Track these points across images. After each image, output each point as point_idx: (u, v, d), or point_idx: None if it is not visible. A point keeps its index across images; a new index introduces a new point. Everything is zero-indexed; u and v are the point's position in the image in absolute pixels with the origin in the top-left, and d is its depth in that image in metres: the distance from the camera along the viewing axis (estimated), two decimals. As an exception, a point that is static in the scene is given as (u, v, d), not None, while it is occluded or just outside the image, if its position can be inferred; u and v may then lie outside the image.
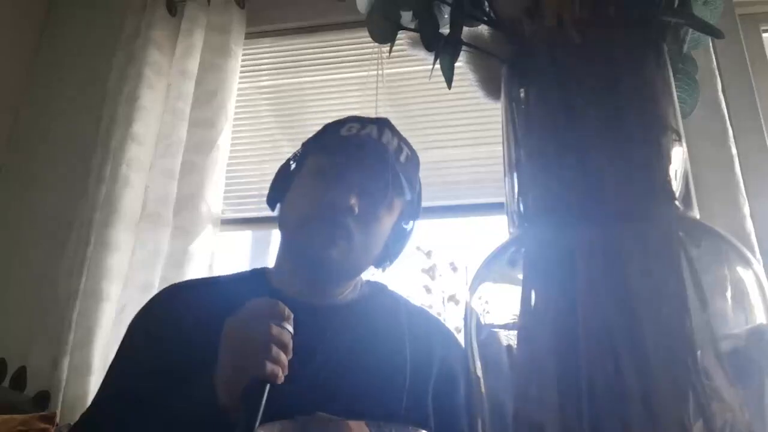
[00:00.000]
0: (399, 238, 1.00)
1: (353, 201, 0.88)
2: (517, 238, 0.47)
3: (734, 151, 1.61)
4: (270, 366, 0.71)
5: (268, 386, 0.70)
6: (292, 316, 0.75)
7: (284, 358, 0.73)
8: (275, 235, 2.03)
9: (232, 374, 0.73)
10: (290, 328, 0.75)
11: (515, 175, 0.48)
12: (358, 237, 0.89)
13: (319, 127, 1.03)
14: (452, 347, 0.95)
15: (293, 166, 0.99)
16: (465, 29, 0.53)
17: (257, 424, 0.67)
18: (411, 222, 1.02)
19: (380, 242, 0.95)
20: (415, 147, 1.05)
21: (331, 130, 0.99)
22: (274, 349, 0.72)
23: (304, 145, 1.02)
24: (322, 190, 0.91)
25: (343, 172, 0.92)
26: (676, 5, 0.47)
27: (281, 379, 0.72)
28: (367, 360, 0.87)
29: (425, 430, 0.62)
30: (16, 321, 1.82)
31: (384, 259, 0.99)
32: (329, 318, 0.91)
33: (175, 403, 0.76)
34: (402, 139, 1.00)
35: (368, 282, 1.03)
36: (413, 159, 1.01)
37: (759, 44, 1.89)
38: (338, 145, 0.94)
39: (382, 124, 0.98)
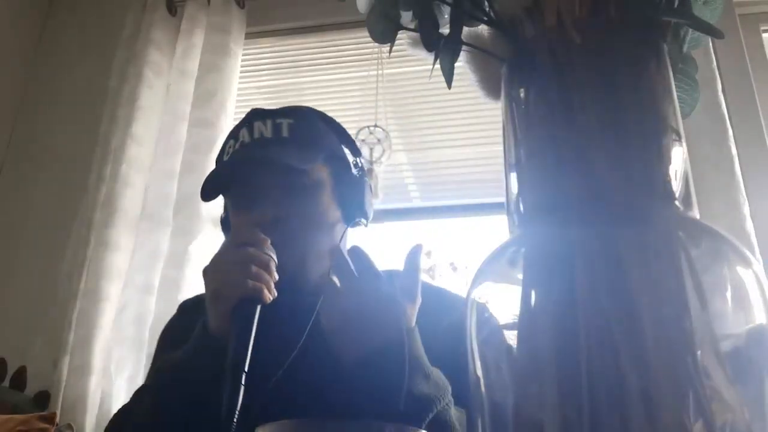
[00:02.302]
0: (350, 189, 0.93)
1: (260, 238, 0.80)
2: (517, 238, 0.47)
3: (734, 151, 1.61)
4: (251, 283, 0.72)
5: (258, 307, 0.71)
6: (268, 240, 0.76)
7: (267, 277, 0.74)
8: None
9: (215, 300, 0.75)
10: (271, 253, 0.76)
11: (515, 175, 0.48)
12: (294, 243, 0.84)
13: None
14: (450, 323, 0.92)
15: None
16: (465, 29, 0.53)
17: (251, 343, 0.68)
18: (352, 164, 0.94)
19: (323, 221, 0.89)
20: (415, 147, 1.04)
21: (217, 161, 0.97)
22: (254, 268, 0.73)
23: None
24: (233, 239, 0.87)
25: (241, 208, 0.90)
26: (676, 5, 0.47)
27: (268, 297, 0.73)
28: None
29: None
30: (16, 321, 1.82)
31: (351, 218, 0.93)
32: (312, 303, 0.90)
33: (177, 355, 0.78)
34: (277, 114, 0.93)
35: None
36: (300, 119, 0.93)
37: (759, 44, 1.89)
38: (223, 180, 0.92)
39: (249, 118, 0.93)
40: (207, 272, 0.79)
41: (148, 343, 1.64)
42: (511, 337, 0.43)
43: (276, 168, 0.87)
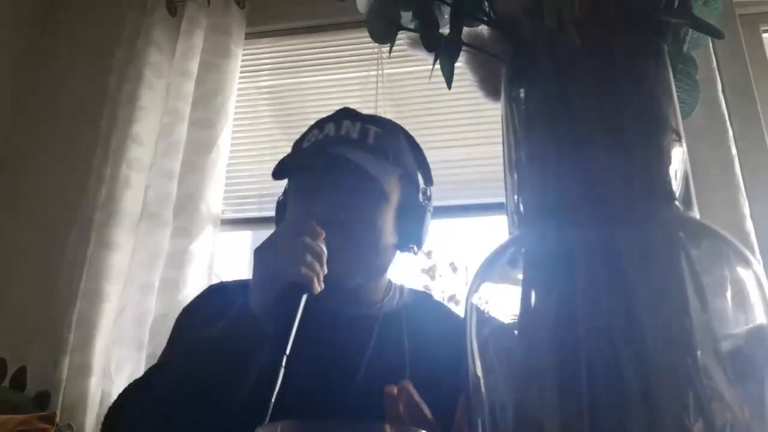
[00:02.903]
0: (413, 214, 0.93)
1: (317, 230, 0.80)
2: (517, 238, 0.47)
3: (734, 151, 1.61)
4: (305, 270, 0.73)
5: (305, 295, 0.72)
6: (323, 234, 0.77)
7: (318, 268, 0.75)
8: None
9: (265, 281, 0.75)
10: (323, 246, 0.77)
11: (515, 175, 0.48)
12: (344, 245, 0.84)
13: None
14: None
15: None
16: (465, 29, 0.53)
17: (294, 329, 0.69)
18: (421, 191, 0.95)
19: (379, 234, 0.90)
20: (415, 147, 1.03)
21: (296, 146, 0.98)
22: (308, 257, 0.74)
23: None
24: (289, 224, 0.89)
25: (304, 197, 0.90)
26: (676, 5, 0.47)
27: (317, 288, 0.74)
28: (411, 372, 0.84)
29: None
30: (16, 321, 1.82)
31: (405, 242, 0.93)
32: (366, 328, 0.89)
33: (212, 331, 0.78)
34: (367, 120, 0.94)
35: (411, 290, 1.01)
36: (388, 132, 0.94)
37: (759, 44, 1.89)
38: (298, 164, 0.93)
39: (340, 116, 0.94)
40: (260, 253, 0.79)
41: (148, 343, 1.64)
42: (511, 337, 0.43)
43: (352, 168, 0.86)
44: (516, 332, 0.42)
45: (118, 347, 1.67)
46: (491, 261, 0.46)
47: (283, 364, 0.67)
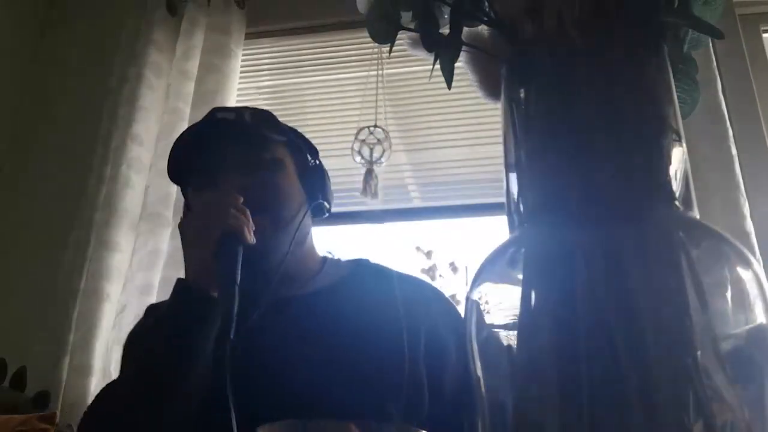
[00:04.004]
0: (311, 174, 0.97)
1: (234, 195, 0.82)
2: (517, 238, 0.47)
3: (734, 151, 1.61)
4: (233, 219, 0.75)
5: (241, 247, 0.73)
6: (240, 198, 0.79)
7: (245, 219, 0.76)
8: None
9: (196, 243, 0.76)
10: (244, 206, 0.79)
11: (515, 175, 0.48)
12: (257, 222, 0.83)
13: (319, 127, 1.04)
14: (440, 315, 0.92)
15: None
16: (465, 29, 0.53)
17: (238, 277, 0.70)
18: (310, 156, 0.99)
19: (285, 200, 0.91)
20: (415, 147, 1.04)
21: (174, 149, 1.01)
22: (233, 211, 0.76)
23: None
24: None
25: (201, 188, 0.92)
26: (676, 5, 0.47)
27: (249, 237, 0.76)
28: (354, 350, 0.83)
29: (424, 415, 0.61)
30: (16, 321, 1.82)
31: (312, 197, 0.95)
32: (305, 308, 0.89)
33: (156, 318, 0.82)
34: (239, 108, 1.00)
35: (351, 261, 1.01)
36: (263, 112, 0.98)
37: (759, 44, 1.89)
38: (191, 166, 0.96)
39: (212, 113, 0.99)
40: (183, 223, 0.81)
41: (148, 343, 1.64)
42: (511, 337, 0.43)
43: (241, 146, 0.90)
44: (516, 332, 0.42)
45: (118, 347, 1.66)
46: (491, 261, 0.46)
47: (234, 311, 0.68)
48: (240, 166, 0.89)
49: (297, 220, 0.90)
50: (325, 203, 0.96)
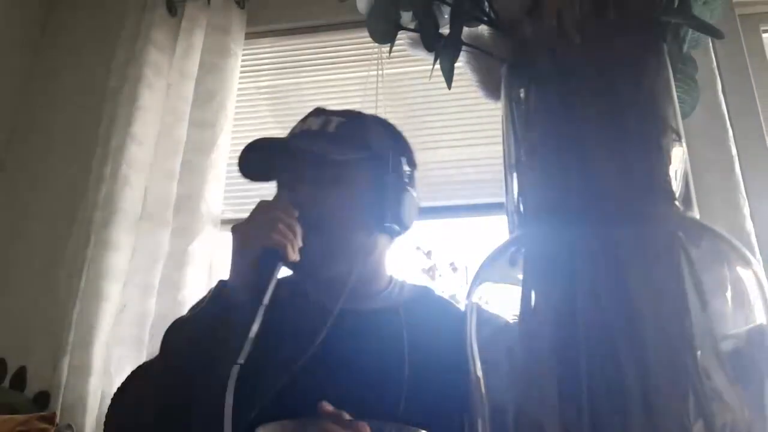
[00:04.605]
0: (388, 193, 0.91)
1: (289, 207, 0.82)
2: (517, 238, 0.47)
3: (734, 151, 1.61)
4: (276, 236, 0.75)
5: (280, 263, 0.75)
6: (296, 212, 0.79)
7: (291, 237, 0.77)
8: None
9: (240, 252, 0.77)
10: (294, 221, 0.79)
11: (515, 175, 0.48)
12: (312, 234, 0.83)
13: None
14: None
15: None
16: (465, 29, 0.53)
17: (270, 289, 0.72)
18: (396, 171, 0.94)
19: (348, 218, 0.89)
20: (415, 147, 1.03)
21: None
22: (281, 226, 0.76)
23: None
24: None
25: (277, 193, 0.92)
26: (676, 5, 0.47)
27: (292, 254, 0.76)
28: (403, 377, 0.82)
29: None
30: (16, 321, 1.82)
31: (385, 222, 0.91)
32: (364, 323, 0.88)
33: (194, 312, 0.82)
34: (333, 113, 0.94)
35: (413, 286, 1.00)
36: (353, 120, 0.94)
37: (759, 44, 1.88)
38: (266, 164, 0.94)
39: (308, 114, 0.95)
40: (235, 228, 0.81)
41: (148, 343, 1.64)
42: (511, 337, 0.43)
43: (313, 158, 0.87)
44: (516, 332, 0.42)
45: (118, 347, 1.66)
46: (491, 261, 0.46)
47: (260, 314, 0.69)
48: (306, 179, 0.88)
49: (357, 241, 0.89)
50: (396, 227, 0.93)
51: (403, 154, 0.97)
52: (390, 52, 0.59)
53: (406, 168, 0.96)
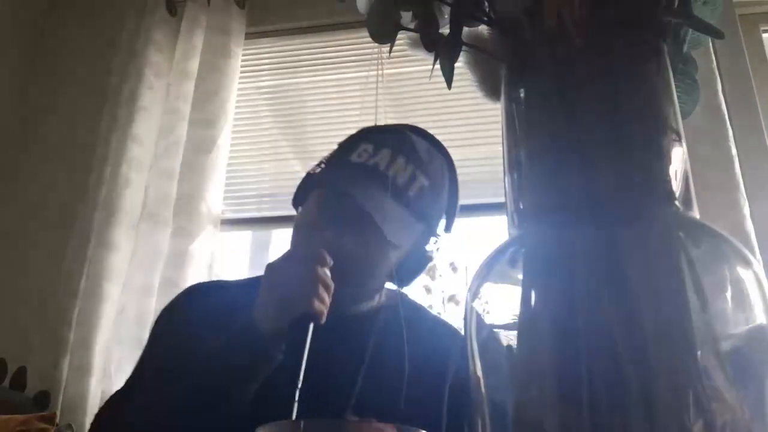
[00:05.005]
0: (417, 261, 0.92)
1: (327, 260, 0.78)
2: (517, 238, 0.47)
3: (734, 151, 1.61)
4: (317, 303, 0.73)
5: (312, 324, 0.72)
6: (332, 263, 0.77)
7: (327, 300, 0.75)
8: (275, 236, 2.03)
9: (276, 310, 0.74)
10: (330, 276, 0.77)
11: (515, 175, 0.48)
12: (338, 279, 0.80)
13: (319, 127, 1.01)
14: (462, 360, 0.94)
15: (318, 170, 0.93)
16: (465, 29, 0.53)
17: (305, 360, 0.69)
18: (430, 244, 0.93)
19: (374, 272, 0.88)
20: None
21: (341, 154, 0.92)
22: (320, 288, 0.74)
23: (326, 163, 0.94)
24: (306, 234, 0.87)
25: (322, 215, 0.86)
26: (676, 5, 0.47)
27: (324, 318, 0.74)
28: (381, 369, 0.85)
29: None
30: (16, 321, 1.82)
31: (396, 277, 0.91)
32: (351, 326, 0.89)
33: (213, 343, 0.77)
34: (419, 163, 0.89)
35: (389, 291, 1.00)
36: (435, 184, 0.92)
37: (759, 44, 1.89)
38: (341, 179, 0.88)
39: (398, 144, 0.89)
40: (273, 274, 0.77)
41: (148, 343, 1.64)
42: (511, 338, 0.43)
43: (376, 216, 0.82)
44: (516, 332, 0.42)
45: (118, 347, 1.67)
46: (491, 261, 0.46)
47: (296, 397, 0.67)
48: (359, 229, 0.83)
49: (368, 289, 0.90)
50: (400, 281, 0.92)
51: (450, 217, 0.97)
52: (390, 52, 0.59)
53: (436, 238, 0.95)
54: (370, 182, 0.85)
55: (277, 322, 0.73)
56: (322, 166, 0.93)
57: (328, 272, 0.76)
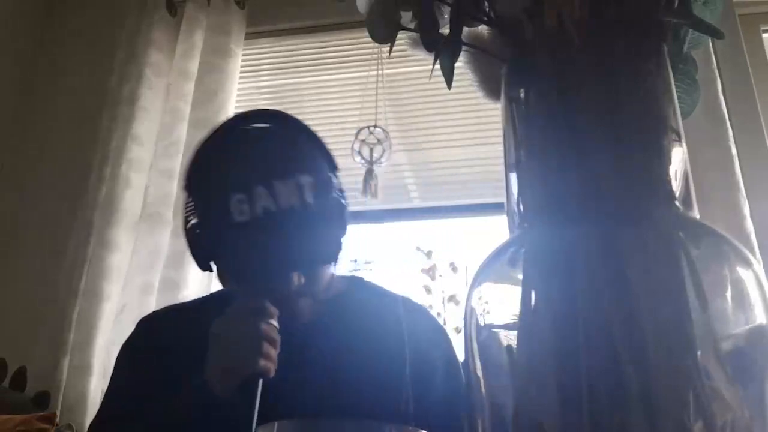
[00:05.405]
0: (332, 216, 0.85)
1: (271, 311, 0.79)
2: (517, 238, 0.47)
3: (734, 151, 1.61)
4: (263, 362, 0.74)
5: (261, 381, 0.73)
6: (277, 312, 0.77)
7: (274, 354, 0.76)
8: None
9: (225, 372, 0.76)
10: (276, 324, 0.78)
11: (515, 175, 0.48)
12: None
13: (319, 128, 0.98)
14: (425, 333, 0.93)
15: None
16: (465, 29, 0.53)
17: (255, 416, 0.70)
18: (335, 189, 0.88)
19: (324, 286, 0.89)
20: (415, 147, 1.03)
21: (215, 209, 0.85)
22: (265, 346, 0.75)
23: None
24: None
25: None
26: (676, 5, 0.47)
27: (272, 372, 0.75)
28: (348, 359, 0.86)
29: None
30: (16, 321, 1.82)
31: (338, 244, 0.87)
32: (310, 336, 0.89)
33: (169, 404, 0.79)
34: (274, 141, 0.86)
35: (344, 277, 1.00)
36: (276, 130, 0.89)
37: (759, 44, 1.89)
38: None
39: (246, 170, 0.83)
40: (219, 336, 0.78)
41: (148, 343, 1.64)
42: (511, 337, 0.43)
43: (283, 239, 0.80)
44: (516, 332, 0.42)
45: (119, 347, 1.66)
46: (491, 261, 0.46)
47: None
48: (289, 265, 0.81)
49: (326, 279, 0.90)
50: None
51: (329, 163, 0.90)
52: (390, 52, 0.59)
53: (335, 179, 0.90)
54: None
55: (227, 384, 0.74)
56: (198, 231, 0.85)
57: (274, 323, 0.77)
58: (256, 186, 0.79)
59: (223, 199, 0.79)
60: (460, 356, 0.95)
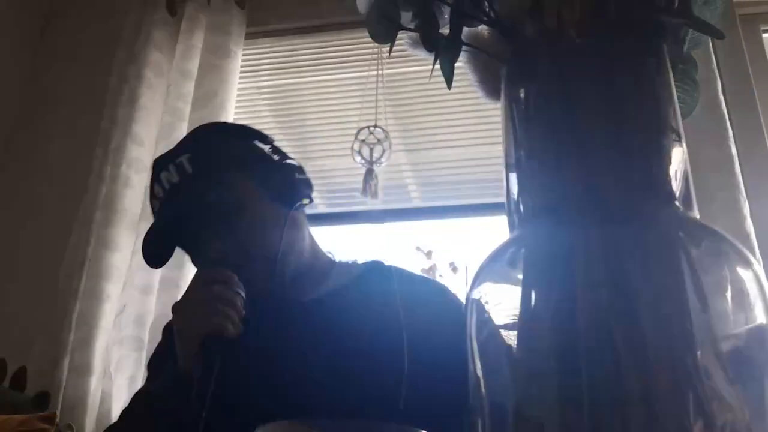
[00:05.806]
0: (276, 175, 0.93)
1: (225, 275, 0.81)
2: (517, 238, 0.47)
3: (734, 151, 1.60)
4: (216, 320, 0.75)
5: (219, 342, 0.74)
6: (235, 276, 0.79)
7: (232, 313, 0.76)
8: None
9: (182, 342, 0.77)
10: (238, 289, 0.78)
11: (515, 175, 0.48)
12: (246, 262, 0.85)
13: (319, 127, 1.01)
14: (440, 312, 0.90)
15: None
16: (465, 29, 0.53)
17: (213, 377, 0.71)
18: (266, 158, 0.94)
19: (256, 222, 0.90)
20: (415, 147, 1.03)
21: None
22: (219, 306, 0.76)
23: None
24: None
25: (191, 257, 0.95)
26: (676, 5, 0.47)
27: (232, 331, 0.75)
28: (356, 352, 0.84)
29: (425, 413, 0.62)
30: (16, 321, 1.82)
31: (287, 202, 0.92)
32: (311, 312, 0.89)
33: (149, 393, 0.84)
34: (176, 154, 0.93)
35: (364, 263, 1.00)
36: (197, 146, 0.95)
37: (759, 44, 1.88)
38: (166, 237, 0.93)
39: (156, 171, 0.93)
40: (176, 311, 0.81)
41: (148, 343, 1.64)
42: (511, 337, 0.43)
43: (196, 208, 0.88)
44: (516, 332, 0.42)
45: (118, 347, 1.67)
46: (491, 261, 0.46)
47: (203, 415, 0.68)
48: (207, 227, 0.88)
49: (280, 236, 0.89)
50: (304, 200, 0.93)
51: (260, 139, 0.97)
52: (390, 52, 0.59)
53: (264, 146, 0.95)
54: (170, 207, 0.91)
55: (189, 353, 0.75)
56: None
57: (234, 288, 0.78)
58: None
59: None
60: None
